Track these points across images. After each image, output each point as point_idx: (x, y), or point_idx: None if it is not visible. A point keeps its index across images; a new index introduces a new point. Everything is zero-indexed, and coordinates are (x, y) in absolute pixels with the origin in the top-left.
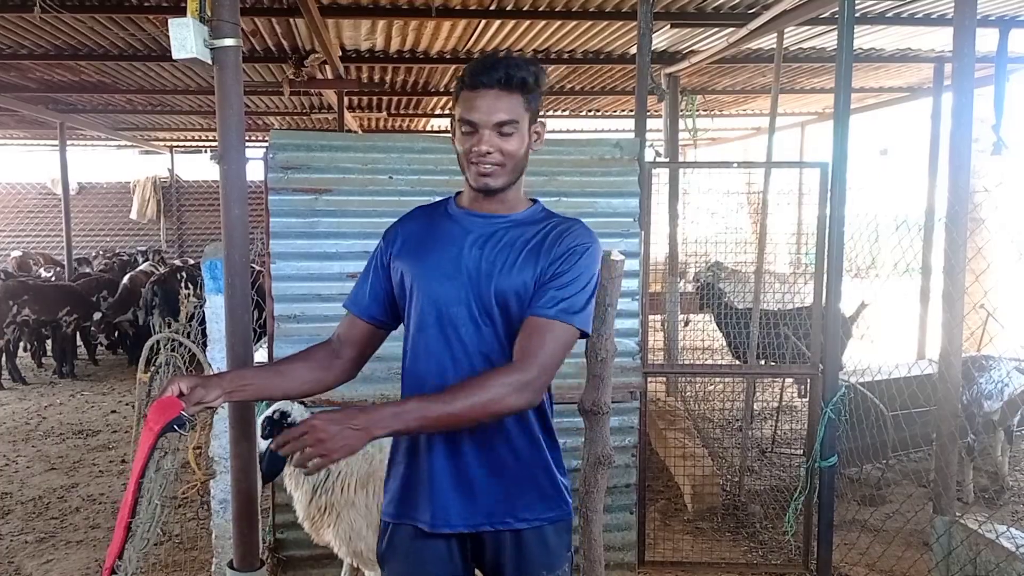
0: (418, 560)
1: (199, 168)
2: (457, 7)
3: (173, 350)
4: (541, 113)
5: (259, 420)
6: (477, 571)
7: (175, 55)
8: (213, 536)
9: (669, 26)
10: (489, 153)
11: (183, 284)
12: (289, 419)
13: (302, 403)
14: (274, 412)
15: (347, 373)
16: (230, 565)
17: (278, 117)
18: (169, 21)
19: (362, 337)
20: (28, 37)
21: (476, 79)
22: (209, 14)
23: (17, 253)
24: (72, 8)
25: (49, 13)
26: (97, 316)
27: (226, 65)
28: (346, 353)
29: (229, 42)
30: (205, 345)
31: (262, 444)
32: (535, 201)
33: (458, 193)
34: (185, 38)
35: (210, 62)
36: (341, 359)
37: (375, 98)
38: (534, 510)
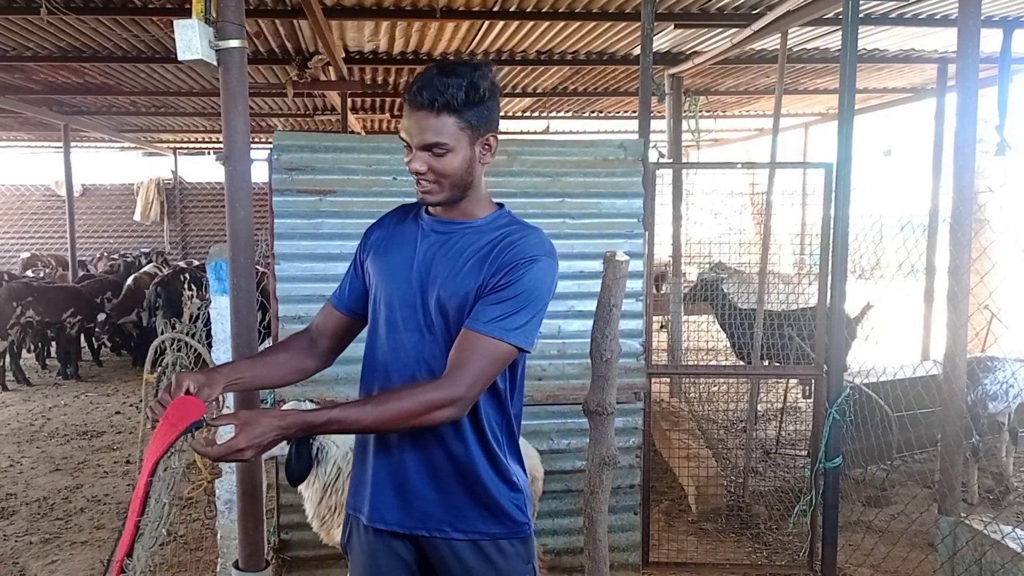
0: (371, 553)
1: (202, 170)
2: (460, 8)
3: (179, 350)
4: (544, 115)
5: None
6: None
7: (180, 56)
8: (218, 536)
9: (672, 27)
10: (421, 172)
11: (186, 286)
12: None
13: (311, 401)
14: None
15: (324, 361)
16: (236, 565)
17: (281, 119)
18: (175, 23)
19: (337, 327)
20: (32, 39)
21: (408, 96)
22: (214, 15)
23: (26, 254)
24: (77, 10)
25: (55, 15)
26: (101, 317)
27: (231, 66)
28: (323, 343)
29: (234, 43)
30: (210, 346)
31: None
32: (500, 206)
33: None
34: (191, 39)
35: (215, 63)
36: (319, 348)
37: (378, 100)
38: (472, 522)
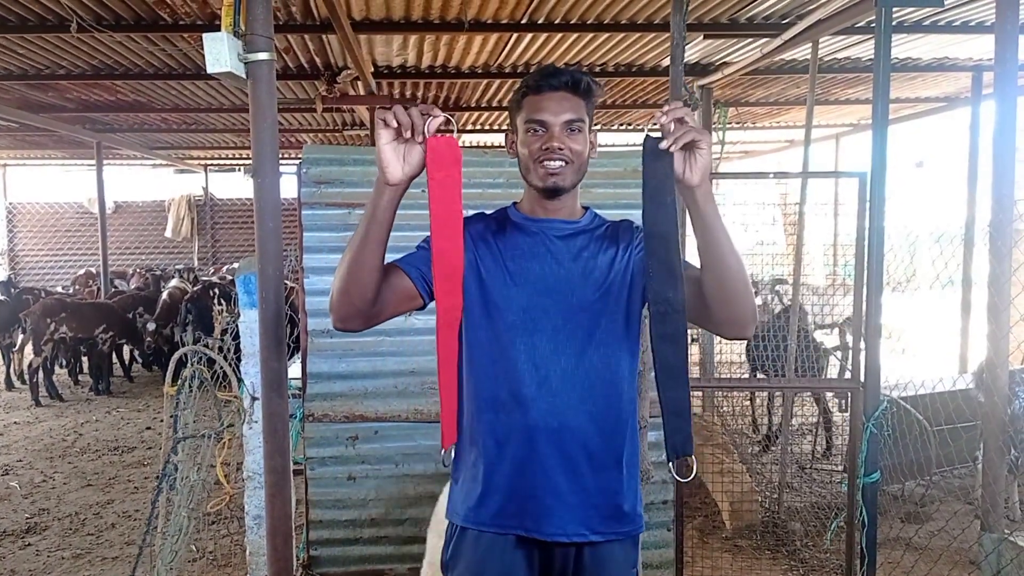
0: (480, 560)
1: (232, 186)
2: (489, 21)
3: (202, 363)
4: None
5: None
6: None
7: (210, 69)
8: (247, 553)
9: (702, 37)
10: (560, 149)
11: (216, 300)
12: None
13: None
14: None
15: (374, 310)
16: None
17: (310, 134)
18: (204, 36)
19: (398, 293)
20: (66, 57)
21: (544, 82)
22: (243, 29)
23: (81, 272)
24: (107, 27)
25: (86, 32)
26: (151, 327)
27: (260, 79)
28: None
29: (263, 56)
30: (239, 359)
31: None
32: (587, 208)
33: (514, 204)
34: (220, 52)
35: (244, 76)
36: (380, 299)
37: None
38: (609, 524)
